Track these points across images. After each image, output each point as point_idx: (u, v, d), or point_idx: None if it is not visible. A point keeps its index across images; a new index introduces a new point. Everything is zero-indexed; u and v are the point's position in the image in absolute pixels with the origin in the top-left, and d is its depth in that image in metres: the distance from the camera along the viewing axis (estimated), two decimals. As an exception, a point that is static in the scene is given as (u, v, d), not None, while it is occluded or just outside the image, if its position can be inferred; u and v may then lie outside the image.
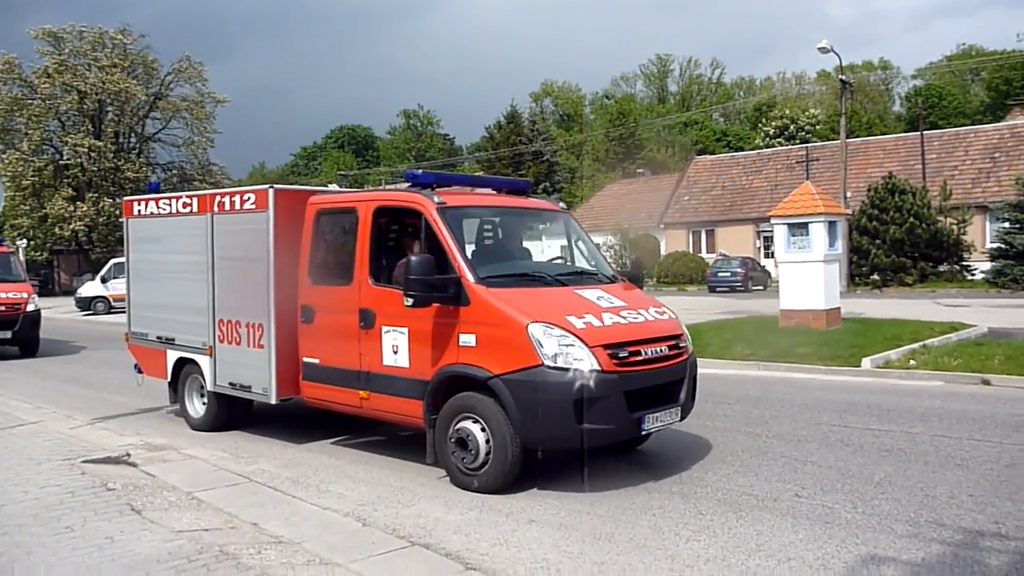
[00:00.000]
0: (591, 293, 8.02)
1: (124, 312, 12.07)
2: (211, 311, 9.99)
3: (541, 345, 7.08)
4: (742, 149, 68.66)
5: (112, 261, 40.24)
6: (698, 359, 8.67)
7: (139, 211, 11.33)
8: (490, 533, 6.47)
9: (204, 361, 10.16)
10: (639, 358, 7.38)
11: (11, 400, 12.96)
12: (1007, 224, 36.05)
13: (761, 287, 41.31)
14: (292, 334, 9.13)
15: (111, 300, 35.95)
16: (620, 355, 7.24)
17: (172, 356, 10.74)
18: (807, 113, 69.96)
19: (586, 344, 7.11)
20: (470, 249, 8.28)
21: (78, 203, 50.06)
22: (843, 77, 40.61)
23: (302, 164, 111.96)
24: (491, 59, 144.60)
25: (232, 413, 10.35)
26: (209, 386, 10.15)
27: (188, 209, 10.44)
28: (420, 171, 8.66)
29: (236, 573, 5.39)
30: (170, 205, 10.78)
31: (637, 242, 50.79)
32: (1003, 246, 34.84)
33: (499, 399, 7.23)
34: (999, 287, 34.92)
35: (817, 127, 67.46)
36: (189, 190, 55.27)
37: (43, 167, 51.13)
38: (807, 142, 59.05)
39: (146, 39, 54.09)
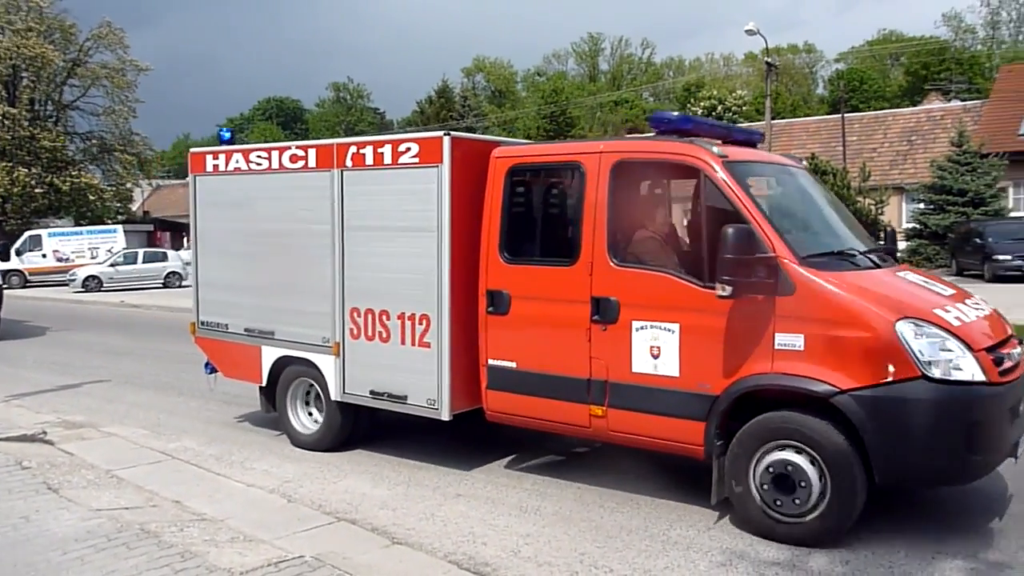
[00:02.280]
0: (911, 277, 6.46)
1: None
2: (338, 297, 7.73)
3: (916, 350, 5.34)
4: (671, 128, 69.15)
5: (27, 233, 38.92)
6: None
7: (215, 166, 8.85)
8: (417, 507, 6.51)
9: (326, 362, 7.87)
10: (1009, 365, 5.69)
11: (-81, 377, 12.47)
12: (922, 205, 37.20)
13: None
14: (471, 329, 7.10)
15: (26, 274, 34.78)
16: (1002, 362, 5.60)
17: (270, 354, 8.39)
18: (734, 94, 70.99)
19: (969, 347, 5.42)
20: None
21: (-9, 173, 48.10)
22: (769, 60, 41.33)
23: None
24: (422, 32, 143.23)
25: (356, 427, 8.19)
26: (335, 394, 7.82)
27: (300, 163, 8.02)
28: (675, 113, 6.82)
29: (157, 551, 5.32)
30: (268, 158, 8.28)
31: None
32: (918, 226, 35.95)
33: (839, 422, 5.46)
34: (914, 265, 36.18)
35: (744, 108, 68.57)
36: (110, 161, 52.97)
37: (-48, 135, 48.96)
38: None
39: (63, 3, 52.14)
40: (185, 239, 59.84)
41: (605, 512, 6.33)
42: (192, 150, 9.33)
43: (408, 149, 7.23)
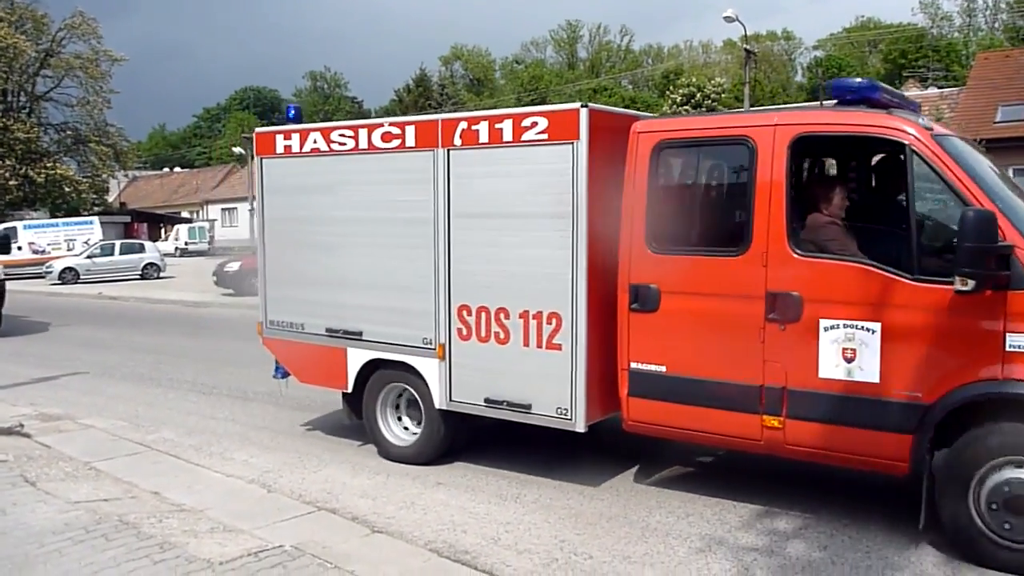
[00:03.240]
0: None
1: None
2: (442, 294, 6.88)
3: None
4: (650, 116, 69.34)
5: (3, 226, 38.45)
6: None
7: (287, 147, 7.88)
8: (397, 496, 6.51)
9: (427, 366, 7.03)
10: None
11: None
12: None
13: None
14: (608, 329, 6.29)
15: (1, 266, 34.40)
16: None
17: (358, 357, 7.48)
18: (713, 81, 71.09)
19: None
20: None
21: (-38, 165, 47.50)
22: (747, 47, 41.45)
23: (205, 126, 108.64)
24: (399, 19, 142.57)
25: (457, 437, 7.38)
26: (439, 402, 7.00)
27: (394, 143, 7.11)
28: (860, 79, 5.90)
29: (136, 543, 5.30)
30: (355, 137, 7.40)
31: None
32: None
33: None
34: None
35: (722, 95, 68.69)
36: (85, 152, 52.60)
37: (-78, 126, 48.28)
38: (713, 110, 60.10)
39: (35, -8, 51.33)
40: (163, 230, 59.54)
41: (585, 499, 6.36)
42: (258, 130, 8.30)
43: (534, 124, 6.33)
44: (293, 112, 8.42)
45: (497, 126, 6.53)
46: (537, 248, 6.37)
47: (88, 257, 34.58)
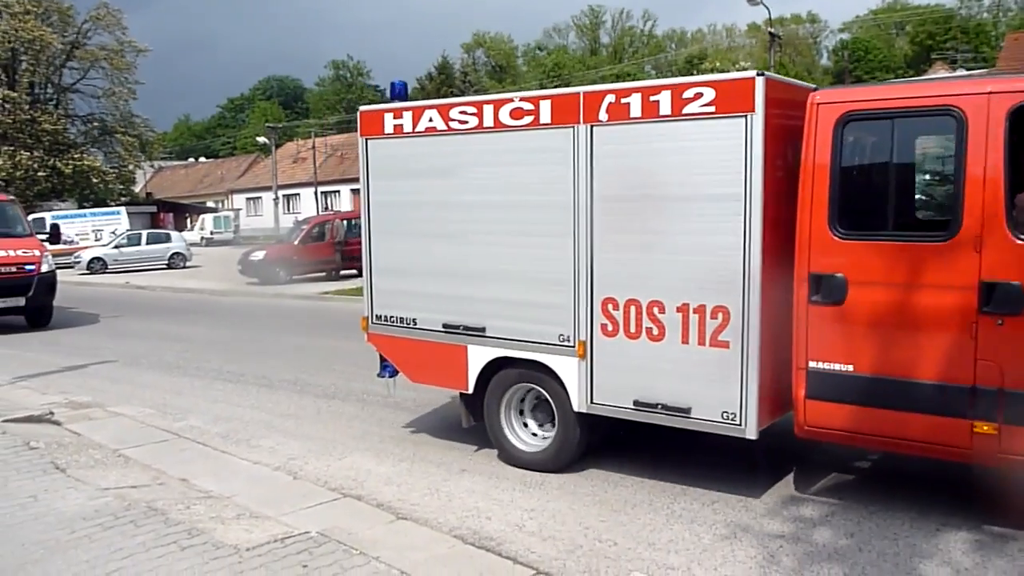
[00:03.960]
0: None
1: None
2: (583, 285, 6.25)
3: None
4: (674, 102, 68.89)
5: (31, 217, 38.89)
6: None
7: (398, 127, 7.22)
8: (422, 483, 6.53)
9: (564, 365, 6.41)
10: None
11: (-75, 360, 12.52)
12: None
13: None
14: (781, 323, 5.68)
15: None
16: None
17: (480, 355, 6.89)
18: (737, 66, 70.45)
19: None
20: None
21: (-7, 156, 48.09)
22: (772, 30, 41.06)
23: (229, 116, 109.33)
24: (421, 7, 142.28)
25: (592, 442, 6.80)
26: (579, 404, 6.37)
27: (526, 120, 6.44)
28: None
29: (164, 528, 5.35)
30: (478, 114, 6.71)
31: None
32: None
33: None
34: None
35: (747, 80, 68.17)
36: (111, 143, 53.20)
37: (-46, 119, 48.88)
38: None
39: (60, -16, 51.73)
40: (189, 220, 60.00)
41: (609, 486, 6.35)
42: (363, 108, 7.65)
43: (699, 95, 5.64)
44: (400, 88, 7.66)
45: (652, 98, 5.84)
46: (700, 234, 5.71)
47: (115, 247, 34.96)
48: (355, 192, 65.79)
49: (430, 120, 6.99)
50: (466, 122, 6.79)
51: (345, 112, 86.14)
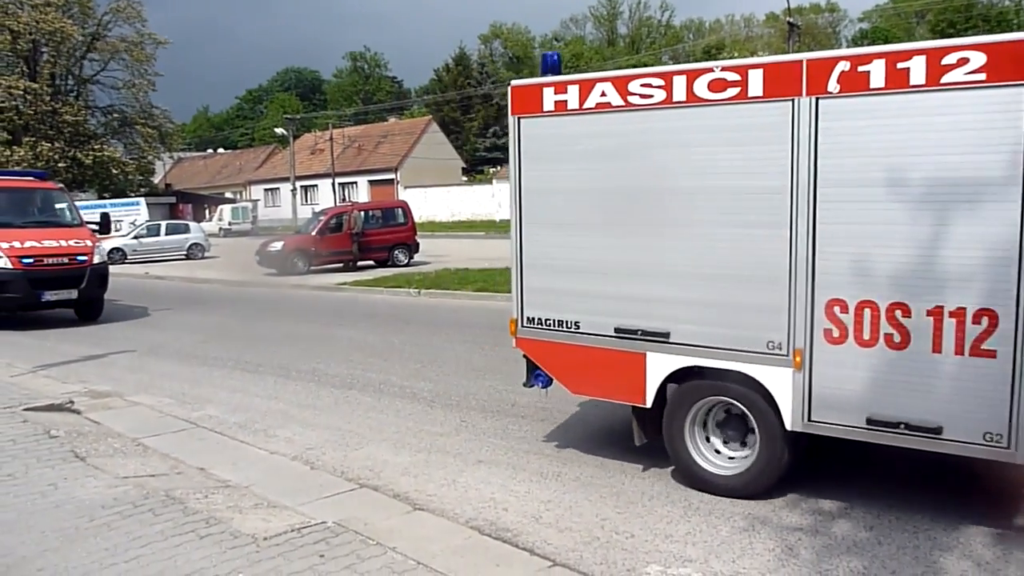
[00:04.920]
0: None
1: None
2: (801, 284, 5.40)
3: None
4: (692, 92, 68.64)
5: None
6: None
7: (560, 103, 6.33)
8: (438, 474, 6.53)
9: (775, 376, 5.56)
10: None
11: (-52, 349, 12.64)
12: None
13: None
14: None
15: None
16: None
17: (662, 364, 6.02)
18: (756, 56, 70.09)
19: None
20: None
21: (14, 147, 48.40)
22: (791, 19, 40.69)
23: (248, 107, 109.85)
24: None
25: (797, 463, 5.97)
26: (793, 422, 5.53)
27: (729, 92, 5.58)
28: None
29: (183, 517, 5.38)
30: (666, 87, 5.82)
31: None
32: None
33: None
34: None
35: (766, 70, 67.72)
36: (131, 134, 53.63)
37: (-24, 110, 49.34)
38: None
39: (80, -24, 52.05)
40: (207, 211, 60.33)
41: (627, 478, 6.33)
42: (516, 83, 6.76)
43: (963, 61, 4.80)
44: (553, 61, 6.74)
45: (900, 65, 4.99)
46: (958, 225, 4.91)
47: (135, 238, 35.20)
48: (372, 183, 66.15)
49: (603, 95, 6.10)
50: (650, 96, 5.89)
51: (362, 103, 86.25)
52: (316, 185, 68.60)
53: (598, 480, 6.30)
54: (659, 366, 6.04)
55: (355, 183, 67.09)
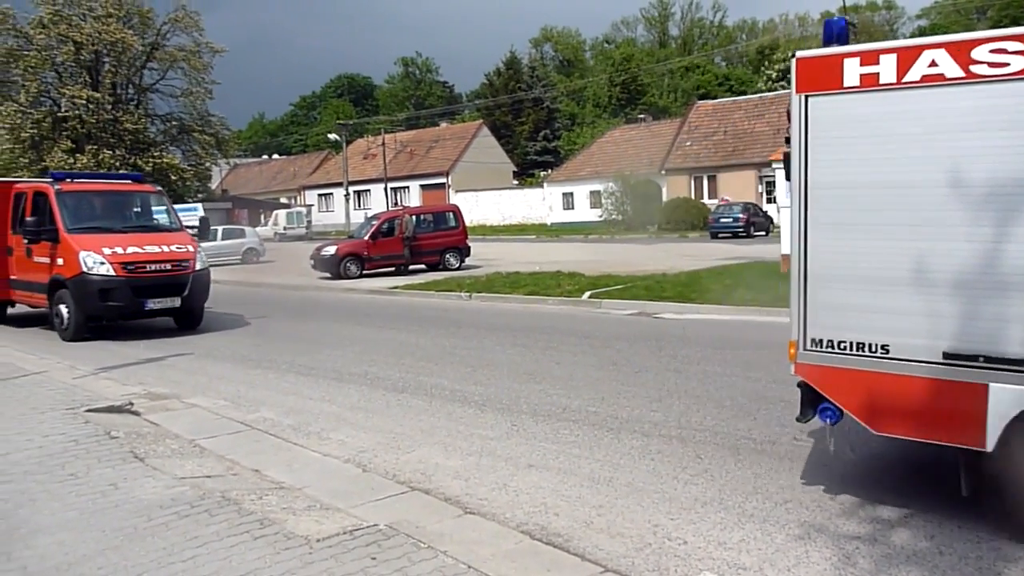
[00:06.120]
0: None
1: None
2: None
3: None
4: (744, 93, 67.98)
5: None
6: (699, 304, 7.64)
7: (868, 77, 5.19)
8: (489, 478, 6.53)
9: None
10: None
11: (14, 351, 12.99)
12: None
13: (763, 232, 41.14)
14: None
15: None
16: None
17: (1011, 399, 4.81)
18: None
19: None
20: None
21: (77, 155, 49.71)
22: (846, 18, 40.05)
23: (302, 114, 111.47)
24: (489, 3, 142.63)
25: None
26: None
27: None
28: None
29: (238, 518, 5.45)
30: None
31: (638, 188, 50.64)
32: None
33: None
34: None
35: (821, 70, 66.73)
36: (189, 141, 54.85)
37: (41, 119, 50.65)
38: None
39: (140, -13, 53.26)
40: (263, 216, 61.28)
41: (679, 484, 6.26)
42: (803, 54, 5.55)
43: None
44: (839, 28, 5.67)
45: None
46: None
47: (192, 242, 35.87)
48: (424, 188, 66.60)
49: (933, 64, 4.95)
50: (1006, 64, 4.72)
51: (414, 108, 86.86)
52: (369, 190, 69.32)
53: (650, 486, 6.23)
54: (1010, 401, 4.83)
55: (407, 187, 67.63)
